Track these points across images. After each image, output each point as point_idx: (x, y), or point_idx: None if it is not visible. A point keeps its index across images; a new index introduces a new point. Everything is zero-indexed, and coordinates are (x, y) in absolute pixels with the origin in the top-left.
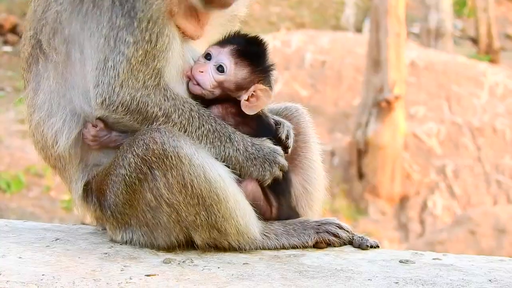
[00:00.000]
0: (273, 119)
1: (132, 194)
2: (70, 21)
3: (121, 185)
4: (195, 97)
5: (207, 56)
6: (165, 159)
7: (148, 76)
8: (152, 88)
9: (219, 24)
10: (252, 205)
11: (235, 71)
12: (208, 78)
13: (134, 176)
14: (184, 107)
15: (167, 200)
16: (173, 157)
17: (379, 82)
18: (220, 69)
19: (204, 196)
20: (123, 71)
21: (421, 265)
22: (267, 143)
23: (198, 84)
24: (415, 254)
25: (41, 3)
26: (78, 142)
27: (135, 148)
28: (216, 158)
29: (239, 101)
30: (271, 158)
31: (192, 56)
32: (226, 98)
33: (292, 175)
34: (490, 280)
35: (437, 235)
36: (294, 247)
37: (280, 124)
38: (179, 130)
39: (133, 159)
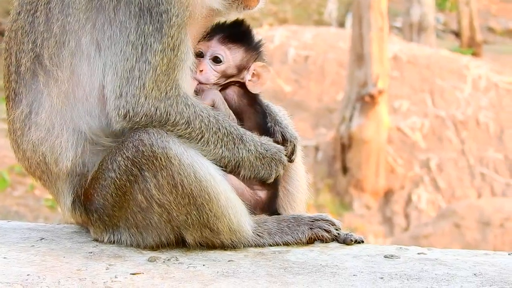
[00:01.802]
0: (281, 133)
1: (122, 196)
2: (82, 31)
3: (110, 188)
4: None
5: (200, 55)
6: (154, 161)
7: (170, 87)
8: (174, 98)
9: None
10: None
11: (232, 56)
12: (210, 73)
13: (125, 179)
14: (203, 113)
15: (158, 201)
16: (163, 158)
17: (362, 76)
18: (217, 60)
19: (195, 196)
20: (149, 81)
21: (406, 260)
22: (272, 143)
23: (201, 82)
24: (400, 249)
25: (41, 15)
26: (78, 160)
27: (125, 151)
28: (229, 160)
29: (242, 83)
30: (277, 157)
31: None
32: (229, 84)
33: None
34: (475, 274)
35: (422, 229)
36: (287, 244)
37: (288, 141)
38: (197, 135)
39: (123, 161)
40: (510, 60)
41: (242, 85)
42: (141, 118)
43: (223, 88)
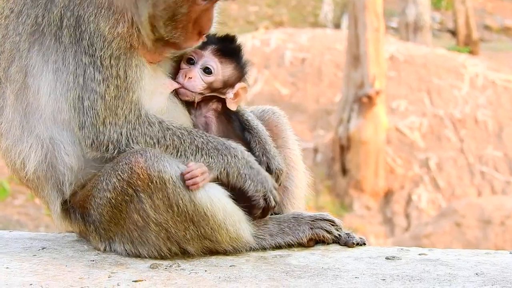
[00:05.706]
0: (267, 163)
1: (118, 214)
2: (29, 52)
3: (106, 206)
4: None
5: (190, 61)
6: (150, 183)
7: (128, 111)
8: (136, 121)
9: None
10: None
11: (222, 70)
12: (198, 82)
13: (120, 199)
14: (172, 127)
15: (155, 220)
16: (158, 181)
17: (359, 77)
18: (207, 70)
19: (191, 214)
20: (101, 110)
21: (408, 261)
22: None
23: (188, 89)
24: (401, 250)
25: (1, 30)
26: (45, 165)
27: (120, 173)
28: (216, 167)
29: (221, 99)
30: (261, 178)
31: (163, 74)
32: (209, 98)
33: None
34: (476, 274)
35: (422, 229)
36: (289, 244)
37: (272, 172)
38: (172, 149)
39: (118, 183)
40: (507, 57)
41: (220, 100)
42: (107, 146)
43: (203, 100)
